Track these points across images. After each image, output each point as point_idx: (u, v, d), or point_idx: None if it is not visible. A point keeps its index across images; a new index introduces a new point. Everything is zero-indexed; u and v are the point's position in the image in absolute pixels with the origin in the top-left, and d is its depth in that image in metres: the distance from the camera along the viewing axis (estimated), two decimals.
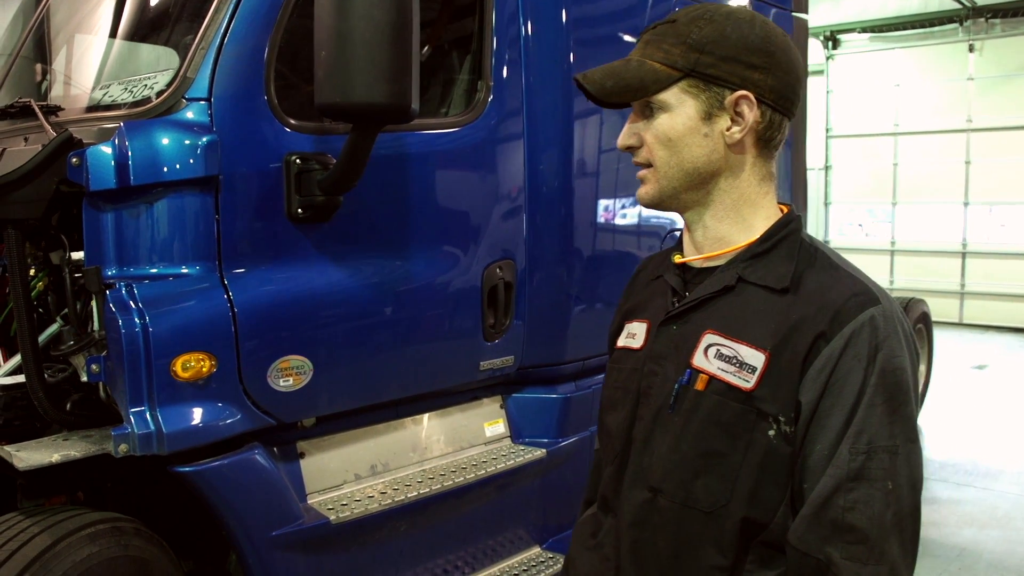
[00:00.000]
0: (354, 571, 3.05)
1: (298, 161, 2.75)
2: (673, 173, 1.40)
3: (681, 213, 1.47)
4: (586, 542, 1.60)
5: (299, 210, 2.76)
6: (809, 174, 16.96)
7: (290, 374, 2.80)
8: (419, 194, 3.20)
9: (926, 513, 1.30)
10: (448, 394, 3.58)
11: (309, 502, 2.99)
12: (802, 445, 1.30)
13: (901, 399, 1.28)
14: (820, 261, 1.39)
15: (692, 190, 1.42)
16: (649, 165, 1.42)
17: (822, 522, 1.26)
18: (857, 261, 1.46)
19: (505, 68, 3.49)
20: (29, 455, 2.40)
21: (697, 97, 1.37)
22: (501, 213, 3.52)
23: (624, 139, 1.45)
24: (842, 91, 15.78)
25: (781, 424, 1.30)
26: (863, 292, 1.33)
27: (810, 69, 16.07)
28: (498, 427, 3.80)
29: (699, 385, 1.36)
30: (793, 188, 5.60)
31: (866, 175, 15.63)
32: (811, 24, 16.31)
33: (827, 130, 15.86)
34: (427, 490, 3.21)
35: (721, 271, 1.43)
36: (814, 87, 16.01)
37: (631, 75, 1.39)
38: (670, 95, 1.37)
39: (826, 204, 16.14)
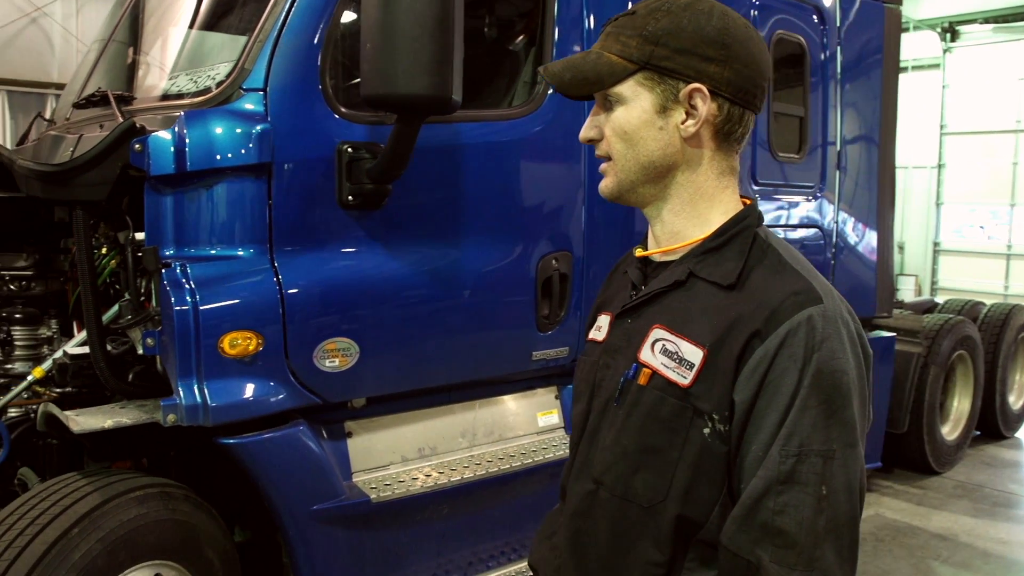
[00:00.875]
0: (394, 549, 3.14)
1: (349, 150, 2.85)
2: (630, 166, 1.40)
3: (641, 207, 1.47)
4: (545, 531, 1.63)
5: (349, 197, 2.86)
6: (919, 173, 16.41)
7: (336, 355, 2.90)
8: (475, 184, 3.26)
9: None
10: (502, 382, 3.63)
11: (354, 480, 3.09)
12: (739, 445, 1.28)
13: (839, 402, 1.24)
14: (770, 258, 1.36)
15: (649, 183, 1.41)
16: (609, 158, 1.42)
17: (752, 524, 1.24)
18: (971, 265, 1.41)
19: None
20: (85, 420, 2.58)
21: (652, 90, 1.36)
22: (558, 204, 3.54)
23: (585, 132, 1.45)
24: (959, 86, 15.11)
25: (715, 422, 1.29)
26: (804, 291, 1.29)
27: (924, 63, 15.53)
28: (552, 417, 3.84)
29: (642, 379, 1.36)
30: (880, 186, 5.43)
31: (983, 174, 14.95)
32: (927, 15, 15.70)
33: (941, 127, 15.23)
34: (472, 475, 3.28)
35: (675, 265, 1.42)
36: (928, 81, 15.43)
37: (588, 68, 1.39)
38: (625, 88, 1.37)
39: (938, 204, 15.51)
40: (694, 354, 1.31)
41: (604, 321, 1.54)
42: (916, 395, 6.38)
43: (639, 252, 1.51)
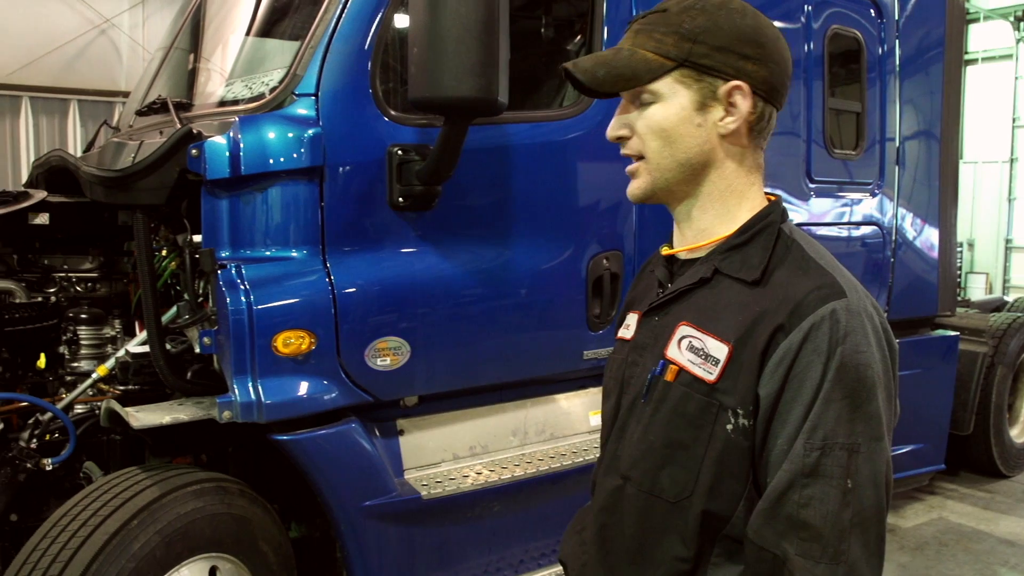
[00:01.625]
0: (445, 546, 3.18)
1: (399, 152, 2.90)
2: (666, 164, 1.40)
3: (670, 205, 1.47)
4: (575, 526, 1.66)
5: (400, 199, 2.91)
6: (990, 167, 15.97)
7: (388, 354, 2.95)
8: (525, 184, 3.28)
9: None
10: (554, 381, 3.65)
11: (406, 477, 3.14)
12: (764, 439, 1.29)
13: (864, 396, 1.24)
14: (794, 254, 1.37)
15: (683, 182, 1.42)
16: (640, 157, 1.42)
17: (777, 517, 1.25)
18: None
19: None
20: (144, 416, 2.67)
21: (690, 87, 1.37)
22: (609, 204, 3.55)
23: (614, 130, 1.44)
24: None
25: (739, 417, 1.29)
26: (827, 285, 1.30)
27: (996, 54, 15.11)
28: None
29: (669, 376, 1.38)
30: (941, 182, 5.31)
31: None
32: (998, 4, 15.26)
33: (1013, 120, 14.78)
34: (523, 473, 3.31)
35: (700, 263, 1.43)
36: (998, 73, 15.00)
37: (623, 64, 1.38)
38: (663, 85, 1.37)
39: (1010, 200, 15.06)
40: (719, 350, 1.32)
41: (632, 319, 1.55)
42: (982, 396, 6.23)
43: (665, 250, 1.52)
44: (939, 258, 5.35)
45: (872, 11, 4.74)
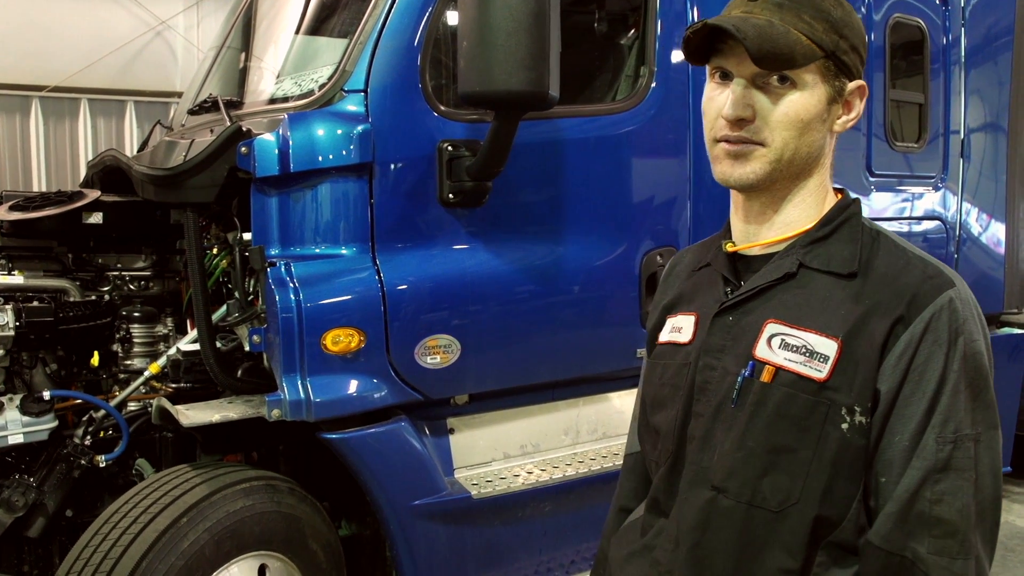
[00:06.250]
0: (495, 546, 3.14)
1: (449, 148, 2.86)
2: (790, 156, 1.32)
3: (759, 198, 1.38)
4: (630, 547, 1.52)
5: (450, 195, 2.87)
6: None
7: (438, 352, 2.92)
8: (577, 180, 3.22)
9: None
10: (607, 379, 3.58)
11: (456, 476, 3.11)
12: (880, 437, 1.24)
13: (982, 384, 1.23)
14: (884, 244, 1.33)
15: (793, 176, 1.35)
16: (759, 143, 1.32)
17: (908, 517, 1.20)
18: None
19: (671, 54, 3.44)
20: (194, 414, 2.67)
21: (829, 82, 1.32)
22: (663, 200, 3.48)
23: (737, 109, 1.30)
24: None
25: (856, 415, 1.24)
26: (937, 274, 1.27)
27: None
28: None
29: (765, 377, 1.30)
30: (1008, 175, 5.13)
31: None
32: None
33: None
34: (575, 473, 3.25)
35: (779, 258, 1.36)
36: None
37: (782, 41, 1.26)
38: (809, 74, 1.30)
39: None
40: (826, 346, 1.26)
41: (684, 321, 1.47)
42: None
43: (730, 247, 1.45)
44: (1005, 254, 5.17)
45: None
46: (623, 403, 3.68)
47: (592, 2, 3.89)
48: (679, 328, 1.48)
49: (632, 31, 3.77)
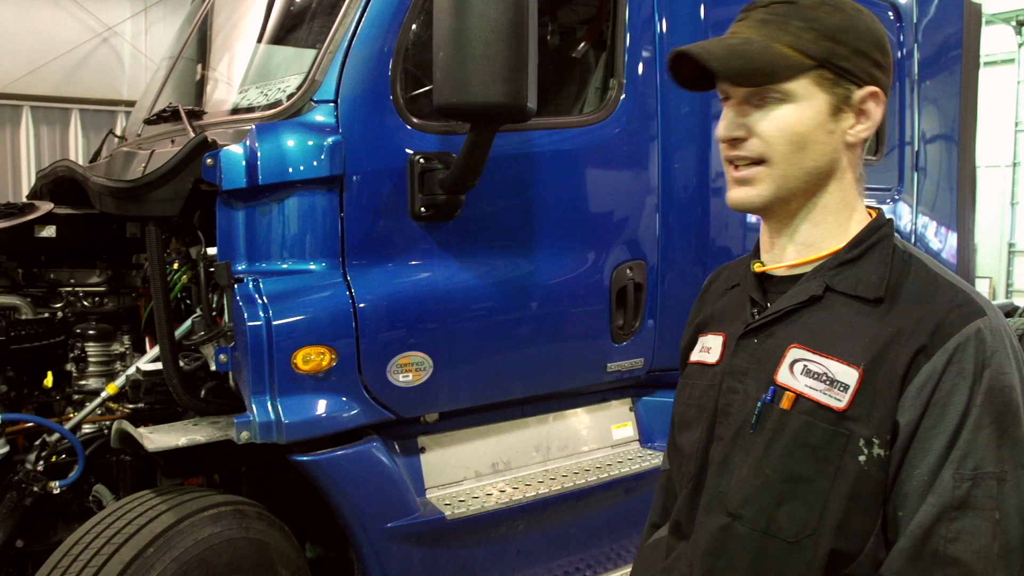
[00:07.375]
0: (469, 567, 3.07)
1: (421, 160, 2.79)
2: (794, 172, 1.29)
3: (776, 217, 1.36)
4: (652, 568, 1.51)
5: (422, 208, 2.81)
6: (993, 171, 15.98)
7: (410, 370, 2.85)
8: (546, 193, 3.18)
9: None
10: (575, 395, 3.55)
11: (428, 496, 3.04)
12: (898, 470, 1.20)
13: (1010, 420, 1.17)
14: (915, 269, 1.28)
15: (804, 192, 1.32)
16: (758, 162, 1.31)
17: (922, 555, 1.16)
18: None
19: (640, 65, 3.42)
20: (159, 437, 2.56)
21: (828, 90, 1.28)
22: (632, 213, 3.45)
23: (729, 130, 1.32)
24: None
25: (874, 447, 1.20)
26: (967, 303, 1.22)
27: (997, 58, 15.06)
28: (626, 430, 3.74)
29: (785, 403, 1.26)
30: (960, 187, 5.22)
31: None
32: (1000, 8, 15.27)
33: (1016, 124, 14.75)
34: (547, 490, 3.20)
35: (806, 280, 1.33)
36: (1000, 77, 14.96)
37: (758, 57, 1.26)
38: (799, 85, 1.27)
39: (1012, 204, 15.03)
40: (847, 375, 1.22)
41: (714, 342, 1.44)
42: None
43: (758, 267, 1.41)
44: (957, 264, 5.26)
45: (891, 14, 4.65)
46: (592, 419, 3.65)
47: (558, 12, 3.87)
48: (708, 348, 1.46)
49: (599, 42, 3.75)
